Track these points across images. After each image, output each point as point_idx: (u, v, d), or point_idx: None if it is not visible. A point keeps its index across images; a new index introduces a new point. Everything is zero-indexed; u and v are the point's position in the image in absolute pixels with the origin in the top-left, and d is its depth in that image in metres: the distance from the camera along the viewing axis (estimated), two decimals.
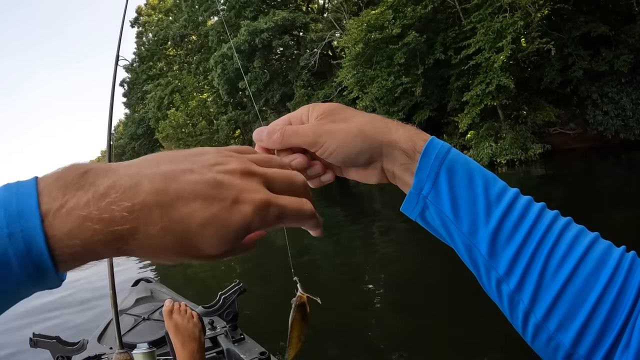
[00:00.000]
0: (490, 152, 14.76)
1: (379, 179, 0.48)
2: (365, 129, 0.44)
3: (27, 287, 0.29)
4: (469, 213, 0.41)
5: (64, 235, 0.28)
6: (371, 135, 0.44)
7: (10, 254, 0.27)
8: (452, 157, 0.43)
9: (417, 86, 16.00)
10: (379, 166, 0.47)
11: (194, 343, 1.35)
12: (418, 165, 0.43)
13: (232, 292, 1.98)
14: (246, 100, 30.10)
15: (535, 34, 13.11)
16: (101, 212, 0.29)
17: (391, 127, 0.45)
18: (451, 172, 0.42)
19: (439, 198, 0.42)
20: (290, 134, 0.45)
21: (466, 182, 0.41)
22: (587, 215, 6.47)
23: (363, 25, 16.03)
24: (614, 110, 14.25)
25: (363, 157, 0.45)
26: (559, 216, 0.42)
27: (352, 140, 0.44)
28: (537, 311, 0.38)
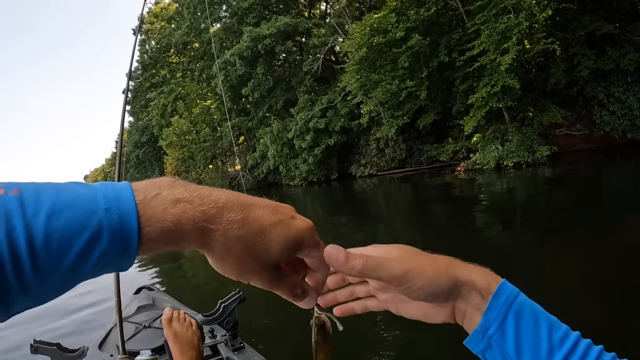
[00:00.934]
0: (497, 154, 14.63)
1: (446, 318, 0.48)
2: (451, 269, 0.46)
3: (106, 261, 0.33)
4: (531, 356, 0.42)
5: (158, 212, 0.35)
6: (455, 277, 0.45)
7: (104, 225, 0.33)
8: (520, 301, 0.45)
9: (422, 89, 15.93)
10: (450, 305, 0.47)
11: (192, 351, 1.37)
12: (488, 306, 0.44)
13: (232, 300, 1.97)
14: (249, 107, 30.13)
15: (540, 34, 13.03)
16: (192, 198, 0.36)
17: (471, 269, 0.47)
18: (518, 315, 0.44)
19: (504, 339, 0.44)
20: (375, 265, 0.44)
21: (532, 326, 0.43)
22: (599, 218, 6.33)
23: (366, 29, 16.01)
24: (620, 110, 14.12)
25: (443, 295, 0.46)
26: (615, 359, 0.44)
27: (440, 277, 0.45)
28: None
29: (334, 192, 20.22)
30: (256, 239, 0.38)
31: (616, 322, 3.25)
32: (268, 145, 25.96)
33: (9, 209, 0.31)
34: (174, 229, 0.35)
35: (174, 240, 0.36)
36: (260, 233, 0.39)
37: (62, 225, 0.32)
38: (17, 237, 0.30)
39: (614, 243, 4.99)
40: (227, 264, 0.39)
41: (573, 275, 4.39)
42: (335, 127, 22.24)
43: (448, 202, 10.94)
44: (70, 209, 0.32)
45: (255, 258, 0.39)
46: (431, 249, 0.52)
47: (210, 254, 0.39)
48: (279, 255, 0.40)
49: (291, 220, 0.41)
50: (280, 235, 0.39)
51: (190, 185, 0.38)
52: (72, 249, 0.32)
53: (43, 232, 0.31)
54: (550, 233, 6.04)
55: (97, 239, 0.32)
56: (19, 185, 0.33)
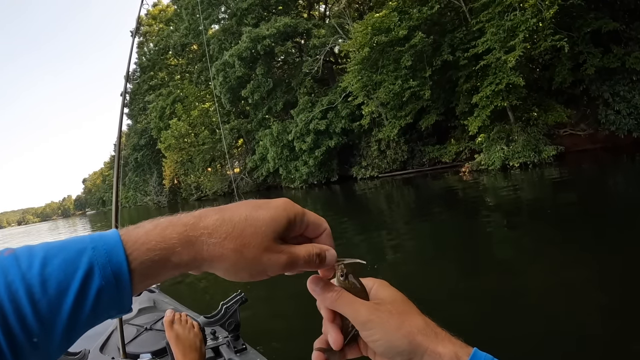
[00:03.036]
0: (502, 155, 14.42)
1: None
2: (415, 332, 0.44)
3: (105, 299, 0.35)
4: None
5: (141, 236, 0.37)
6: (418, 342, 0.44)
7: (94, 262, 0.34)
8: None
9: (425, 89, 15.71)
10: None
11: (194, 353, 1.36)
12: None
13: (234, 302, 1.95)
14: (249, 109, 29.92)
15: (547, 31, 12.84)
16: (170, 219, 0.39)
17: (440, 339, 0.45)
18: None
19: None
20: (345, 303, 0.46)
21: None
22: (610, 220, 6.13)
23: (368, 28, 15.79)
24: (626, 109, 13.96)
25: (401, 357, 0.45)
26: None
27: (398, 338, 0.44)
28: None
29: (335, 194, 20.01)
30: (241, 226, 0.40)
31: (625, 325, 3.13)
32: (268, 148, 25.73)
33: (5, 266, 0.33)
34: (161, 247, 0.37)
35: (165, 260, 0.37)
36: (242, 220, 0.40)
37: (56, 269, 0.33)
38: (16, 289, 0.32)
39: (627, 249, 4.79)
40: (231, 265, 0.40)
41: (584, 280, 4.26)
42: (336, 129, 22.02)
43: (452, 204, 10.70)
44: (61, 253, 0.34)
45: (252, 243, 0.40)
46: (434, 254, 0.40)
47: (209, 264, 0.40)
48: (272, 232, 0.41)
49: (269, 202, 0.44)
50: (265, 215, 0.42)
51: (177, 215, 0.41)
52: (69, 291, 0.33)
53: (39, 279, 0.32)
54: (560, 237, 5.86)
55: (90, 277, 0.34)
56: (12, 248, 0.36)
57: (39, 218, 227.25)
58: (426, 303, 3.49)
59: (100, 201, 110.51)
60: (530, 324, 3.40)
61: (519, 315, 3.60)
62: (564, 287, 4.03)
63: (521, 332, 3.31)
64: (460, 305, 4.16)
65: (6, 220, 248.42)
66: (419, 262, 6.16)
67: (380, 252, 7.17)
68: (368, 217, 11.16)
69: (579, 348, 3.01)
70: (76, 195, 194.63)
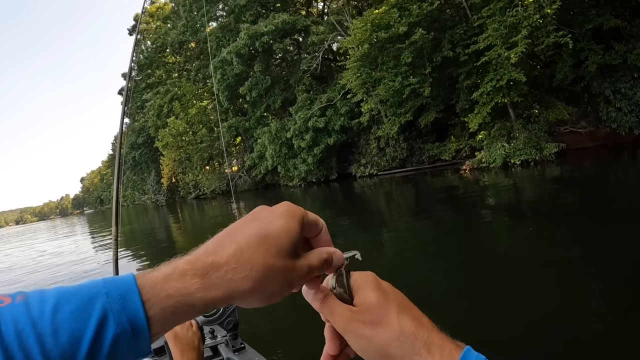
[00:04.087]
0: (504, 152, 14.30)
1: None
2: (389, 346, 0.42)
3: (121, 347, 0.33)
4: None
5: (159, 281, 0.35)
6: (391, 355, 0.42)
7: (108, 309, 0.32)
8: None
9: (425, 86, 15.58)
10: None
11: (192, 352, 1.35)
12: None
13: None
14: (247, 107, 29.76)
15: (550, 27, 12.71)
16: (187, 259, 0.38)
17: (417, 350, 0.42)
18: None
19: None
20: (327, 312, 0.46)
21: None
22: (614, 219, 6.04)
23: (367, 24, 15.65)
24: (627, 106, 13.87)
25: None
26: None
27: (371, 351, 0.43)
28: None
29: (334, 192, 19.89)
30: (263, 249, 0.38)
31: (627, 323, 3.11)
32: (266, 146, 25.58)
33: (16, 314, 0.31)
34: (182, 292, 0.35)
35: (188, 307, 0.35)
36: (261, 242, 0.39)
37: (68, 317, 0.31)
38: (26, 338, 0.30)
39: (629, 247, 4.73)
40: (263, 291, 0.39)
41: (585, 279, 4.22)
42: (335, 126, 21.88)
43: (454, 202, 10.58)
44: (74, 299, 0.33)
45: (277, 265, 0.39)
46: (435, 254, 0.40)
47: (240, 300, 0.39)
48: (289, 245, 0.40)
49: (272, 213, 0.42)
50: (277, 229, 0.40)
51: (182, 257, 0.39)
52: (82, 341, 0.31)
53: (51, 328, 0.31)
54: (562, 236, 5.77)
55: (104, 326, 0.32)
56: (24, 293, 0.34)
57: (37, 217, 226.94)
58: (425, 301, 3.34)
59: (99, 200, 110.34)
60: (530, 323, 3.37)
61: (520, 314, 3.57)
62: (566, 287, 3.98)
63: (521, 331, 3.30)
64: (460, 303, 4.12)
65: (4, 219, 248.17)
66: (418, 261, 6.07)
67: (380, 251, 7.09)
68: (367, 215, 11.05)
69: (580, 347, 2.97)
70: (74, 194, 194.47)
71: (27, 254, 17.52)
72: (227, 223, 0.42)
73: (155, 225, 20.25)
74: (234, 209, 18.56)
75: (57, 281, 8.89)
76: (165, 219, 22.82)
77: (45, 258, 14.17)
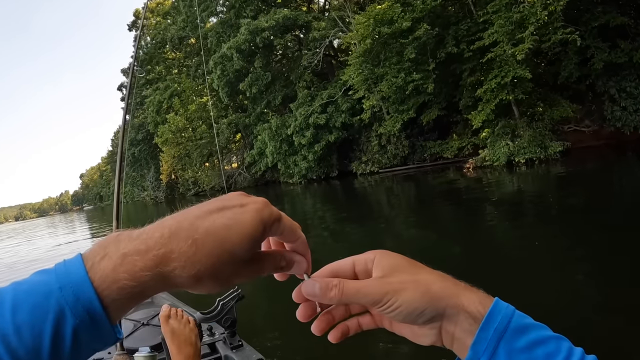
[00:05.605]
0: (508, 151, 14.12)
1: (434, 340, 0.44)
2: (433, 288, 0.42)
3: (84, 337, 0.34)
4: None
5: (110, 272, 0.35)
6: (438, 297, 0.42)
7: (62, 303, 0.33)
8: (513, 327, 0.41)
9: (429, 83, 15.40)
10: (437, 326, 0.43)
11: (190, 348, 1.36)
12: (475, 338, 0.41)
13: (231, 298, 1.94)
14: (247, 103, 29.56)
15: (557, 23, 12.52)
16: (137, 246, 0.35)
17: (460, 289, 0.43)
18: (510, 347, 0.40)
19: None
20: (352, 293, 0.43)
21: (526, 356, 0.39)
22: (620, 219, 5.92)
23: (370, 20, 15.45)
24: (632, 105, 13.76)
25: (425, 317, 0.42)
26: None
27: (418, 299, 0.42)
28: None
29: (334, 190, 19.75)
30: (216, 250, 0.36)
31: (628, 323, 3.08)
32: (266, 142, 25.40)
33: None
34: (132, 284, 0.35)
35: (139, 295, 0.36)
36: (217, 243, 0.36)
37: (27, 315, 0.33)
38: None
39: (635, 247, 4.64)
40: (204, 287, 0.38)
41: (588, 278, 4.19)
42: (336, 123, 21.71)
43: (456, 201, 10.43)
44: (30, 297, 0.33)
45: (226, 266, 0.37)
46: (437, 255, 0.41)
47: (184, 288, 0.38)
48: (246, 253, 0.38)
49: (242, 212, 0.38)
50: (239, 234, 0.37)
51: (134, 233, 0.37)
52: (44, 336, 0.32)
53: (12, 328, 0.32)
54: (565, 236, 5.69)
55: (62, 319, 0.33)
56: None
57: (36, 214, 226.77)
58: None
59: (98, 196, 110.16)
60: None
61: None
62: (569, 287, 3.93)
63: None
64: None
65: (3, 215, 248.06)
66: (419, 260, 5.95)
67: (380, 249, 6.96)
68: (368, 213, 10.90)
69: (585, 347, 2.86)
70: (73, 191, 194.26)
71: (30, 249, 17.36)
72: None
73: None
74: None
75: None
76: None
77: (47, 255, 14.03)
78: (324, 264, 0.39)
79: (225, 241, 0.36)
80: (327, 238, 8.43)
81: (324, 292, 0.43)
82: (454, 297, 0.42)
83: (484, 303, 0.41)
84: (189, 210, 0.38)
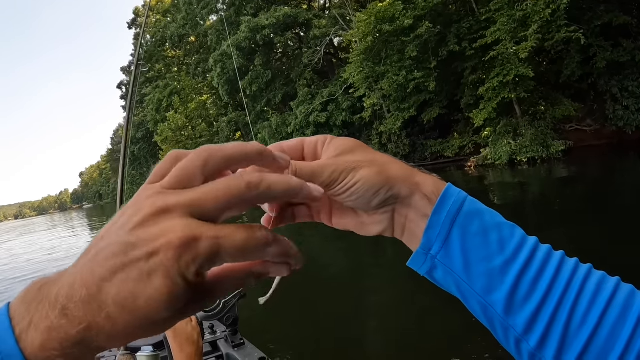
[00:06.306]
0: (510, 150, 14.06)
1: (384, 227, 0.42)
2: (390, 168, 0.40)
3: None
4: (483, 272, 0.38)
5: (38, 350, 0.29)
6: (394, 177, 0.40)
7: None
8: (466, 211, 0.39)
9: (430, 81, 15.33)
10: (390, 210, 0.42)
11: (192, 346, 1.35)
12: (429, 222, 0.39)
13: (233, 296, 1.95)
14: (247, 101, 29.49)
15: (561, 22, 12.45)
16: (59, 319, 0.28)
17: (415, 171, 0.41)
18: (464, 230, 0.39)
19: (449, 258, 0.39)
20: (307, 174, 0.38)
21: (480, 240, 0.38)
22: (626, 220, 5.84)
23: (372, 17, 15.38)
24: (635, 104, 13.70)
25: (379, 197, 0.40)
26: (579, 265, 0.39)
27: (375, 176, 0.40)
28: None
29: None
30: (135, 324, 0.28)
31: None
32: (266, 141, 25.31)
33: None
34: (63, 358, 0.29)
35: None
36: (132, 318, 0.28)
37: None
38: None
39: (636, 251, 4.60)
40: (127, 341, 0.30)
41: None
42: (337, 122, 21.65)
43: None
44: None
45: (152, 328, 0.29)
46: None
47: None
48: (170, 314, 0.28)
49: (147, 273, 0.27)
50: (149, 306, 0.27)
51: (51, 293, 0.29)
52: None
53: None
54: (569, 237, 5.64)
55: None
56: None
57: (35, 212, 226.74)
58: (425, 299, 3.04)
59: (97, 195, 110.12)
60: None
61: None
62: None
63: None
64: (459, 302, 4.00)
65: (3, 214, 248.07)
66: None
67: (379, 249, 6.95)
68: None
69: None
70: (73, 189, 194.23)
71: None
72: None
73: None
74: None
75: None
76: None
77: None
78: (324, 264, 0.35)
79: (138, 312, 0.28)
80: (327, 238, 8.37)
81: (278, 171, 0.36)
82: (410, 177, 0.40)
83: (437, 185, 0.40)
84: (95, 258, 0.29)
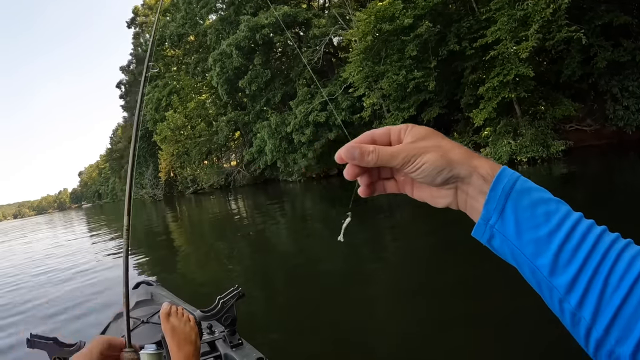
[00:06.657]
0: (510, 149, 14.01)
1: (450, 201, 0.52)
2: (452, 152, 0.50)
3: None
4: (531, 239, 0.45)
5: None
6: (455, 159, 0.49)
7: None
8: (518, 188, 0.47)
9: (430, 80, 15.28)
10: (454, 187, 0.51)
11: (190, 346, 1.36)
12: (487, 197, 0.48)
13: (231, 296, 1.97)
14: (246, 101, 29.41)
15: (562, 21, 12.40)
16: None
17: (474, 156, 0.50)
18: (516, 204, 0.47)
19: (504, 227, 0.47)
20: (386, 157, 0.51)
21: (529, 212, 0.46)
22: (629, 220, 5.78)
23: (371, 16, 15.32)
24: (635, 104, 13.63)
25: (442, 176, 0.50)
26: (619, 238, 0.45)
27: (438, 159, 0.49)
28: (598, 327, 0.41)
29: (334, 188, 19.62)
30: None
31: None
32: (265, 140, 25.26)
33: None
34: None
35: None
36: None
37: None
38: None
39: None
40: None
41: None
42: (336, 121, 21.59)
43: None
44: None
45: None
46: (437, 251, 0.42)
47: None
48: None
49: None
50: None
51: None
52: None
53: None
54: None
55: None
56: None
57: (34, 211, 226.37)
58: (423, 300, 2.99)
59: (97, 194, 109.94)
60: (532, 323, 3.36)
61: (520, 315, 3.56)
62: None
63: (522, 330, 3.31)
64: (457, 303, 4.10)
65: (2, 213, 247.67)
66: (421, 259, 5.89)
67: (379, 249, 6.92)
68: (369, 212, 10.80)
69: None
70: (72, 189, 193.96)
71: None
72: (228, 222, 0.34)
73: (154, 222, 19.97)
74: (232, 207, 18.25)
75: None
76: (164, 215, 22.52)
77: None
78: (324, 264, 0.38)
79: None
80: (328, 237, 8.34)
81: (362, 156, 0.51)
82: (469, 160, 0.49)
83: (493, 167, 0.48)
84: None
